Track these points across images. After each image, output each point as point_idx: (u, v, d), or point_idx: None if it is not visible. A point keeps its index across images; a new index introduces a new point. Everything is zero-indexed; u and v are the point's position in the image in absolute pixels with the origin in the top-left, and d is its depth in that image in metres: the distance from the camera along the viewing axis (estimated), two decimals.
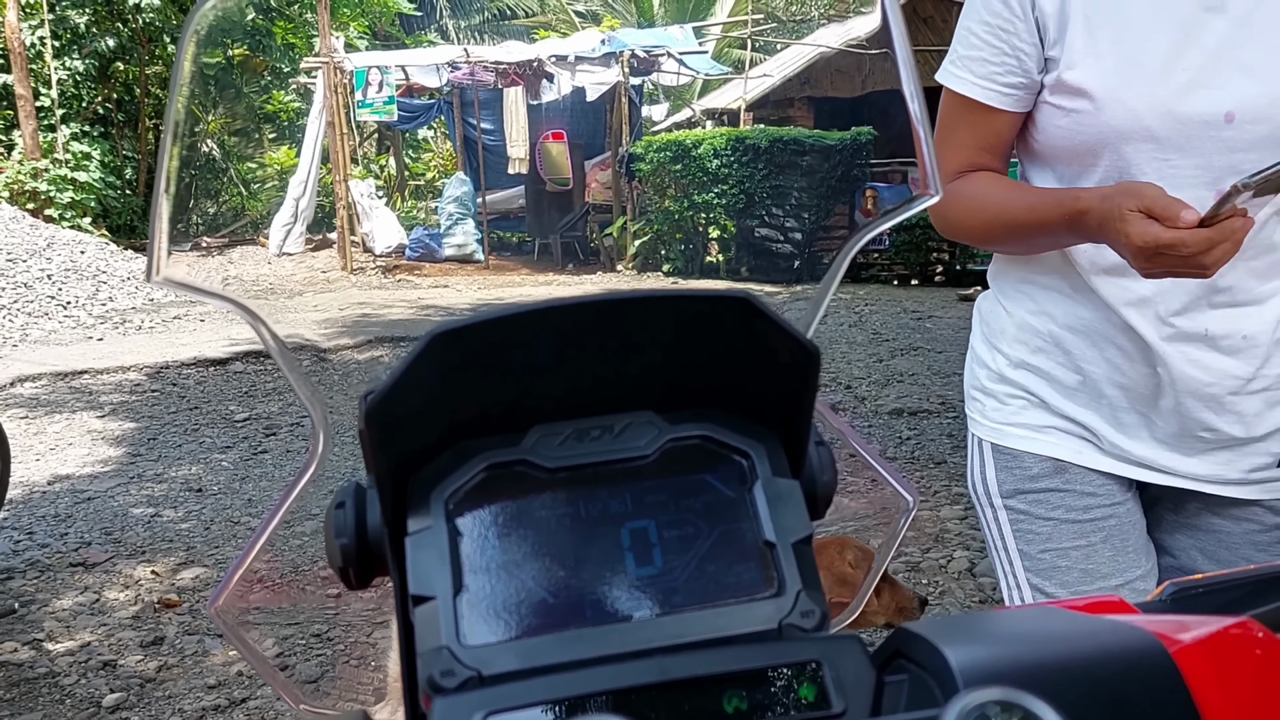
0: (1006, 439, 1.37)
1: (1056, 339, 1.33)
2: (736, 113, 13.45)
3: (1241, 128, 1.15)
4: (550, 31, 18.85)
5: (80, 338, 8.56)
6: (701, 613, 0.39)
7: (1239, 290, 1.22)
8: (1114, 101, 1.18)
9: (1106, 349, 1.29)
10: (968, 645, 0.36)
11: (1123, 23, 1.18)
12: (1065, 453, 1.33)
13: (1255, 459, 1.28)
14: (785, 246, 11.93)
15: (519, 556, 0.40)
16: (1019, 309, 1.37)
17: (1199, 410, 1.26)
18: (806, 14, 18.53)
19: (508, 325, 0.39)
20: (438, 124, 17.28)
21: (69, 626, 3.30)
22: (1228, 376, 1.24)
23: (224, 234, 16.44)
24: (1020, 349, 1.36)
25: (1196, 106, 1.15)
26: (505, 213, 15.17)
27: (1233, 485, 1.30)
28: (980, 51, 1.27)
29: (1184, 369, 1.25)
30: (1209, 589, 0.51)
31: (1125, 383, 1.29)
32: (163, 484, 4.81)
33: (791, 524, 0.41)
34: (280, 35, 16.01)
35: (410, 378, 0.38)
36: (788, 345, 0.40)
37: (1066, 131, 1.24)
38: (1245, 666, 0.36)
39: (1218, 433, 1.27)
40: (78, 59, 14.60)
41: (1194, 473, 1.30)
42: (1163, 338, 1.25)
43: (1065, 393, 1.33)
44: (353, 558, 0.43)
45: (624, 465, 0.42)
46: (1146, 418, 1.29)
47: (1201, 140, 1.16)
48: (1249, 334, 1.23)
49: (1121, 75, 1.17)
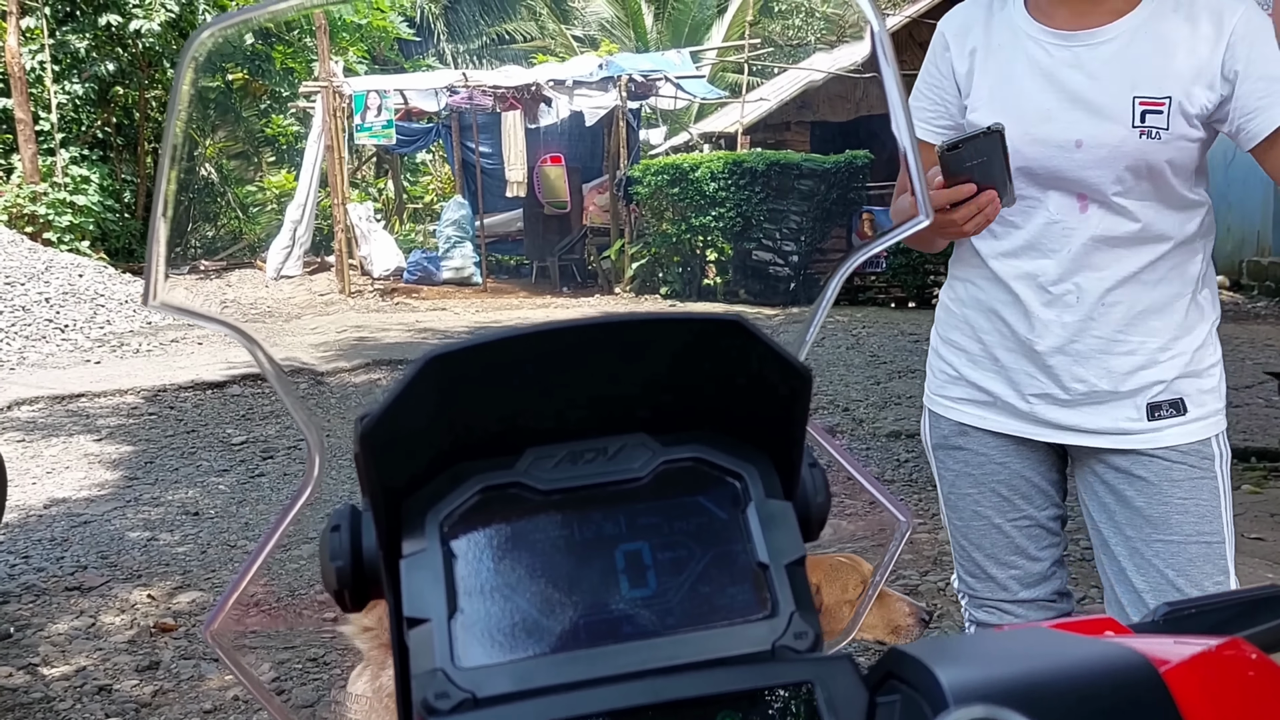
0: (934, 405, 1.80)
1: (965, 317, 1.74)
2: (733, 136, 13.52)
3: (1088, 151, 1.56)
4: (548, 56, 18.97)
5: (78, 361, 8.56)
6: (695, 634, 0.39)
7: (1106, 267, 1.60)
8: None
9: (996, 321, 1.69)
10: (958, 665, 0.36)
11: (1011, 79, 1.62)
12: (971, 418, 1.74)
13: (1125, 411, 1.63)
14: (782, 269, 11.95)
15: (513, 579, 0.40)
16: (946, 297, 1.80)
17: (1069, 365, 1.63)
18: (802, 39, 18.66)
19: (502, 348, 0.39)
20: (436, 148, 17.34)
21: (64, 651, 3.28)
22: (1089, 335, 1.61)
23: (222, 257, 16.47)
24: (946, 328, 1.79)
25: (1056, 135, 1.57)
26: (503, 236, 15.21)
27: (1110, 435, 1.64)
28: (923, 102, 1.74)
29: (1056, 330, 1.62)
30: (1200, 609, 0.51)
31: (1012, 346, 1.67)
32: (159, 507, 4.80)
33: (784, 546, 0.41)
34: (279, 60, 16.10)
35: (405, 400, 0.38)
36: (780, 368, 0.41)
37: None
38: (1235, 687, 0.36)
39: (1088, 384, 1.62)
40: (77, 83, 14.67)
41: (1074, 424, 1.65)
42: (1042, 303, 1.63)
43: (973, 360, 1.73)
44: (348, 580, 0.43)
45: (618, 487, 0.42)
46: (1033, 376, 1.66)
47: (1060, 159, 1.58)
48: (1109, 301, 1.60)
49: (1006, 114, 1.56)
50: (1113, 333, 1.61)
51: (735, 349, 0.41)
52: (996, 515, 1.73)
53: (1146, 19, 1.56)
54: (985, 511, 1.74)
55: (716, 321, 0.40)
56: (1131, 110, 1.54)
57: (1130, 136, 1.54)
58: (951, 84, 1.69)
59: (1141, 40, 1.55)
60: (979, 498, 1.74)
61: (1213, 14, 1.53)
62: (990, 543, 1.74)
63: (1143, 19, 1.56)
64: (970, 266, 1.72)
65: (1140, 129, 1.54)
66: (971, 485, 1.74)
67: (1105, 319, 1.61)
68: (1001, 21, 1.66)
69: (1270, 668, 0.37)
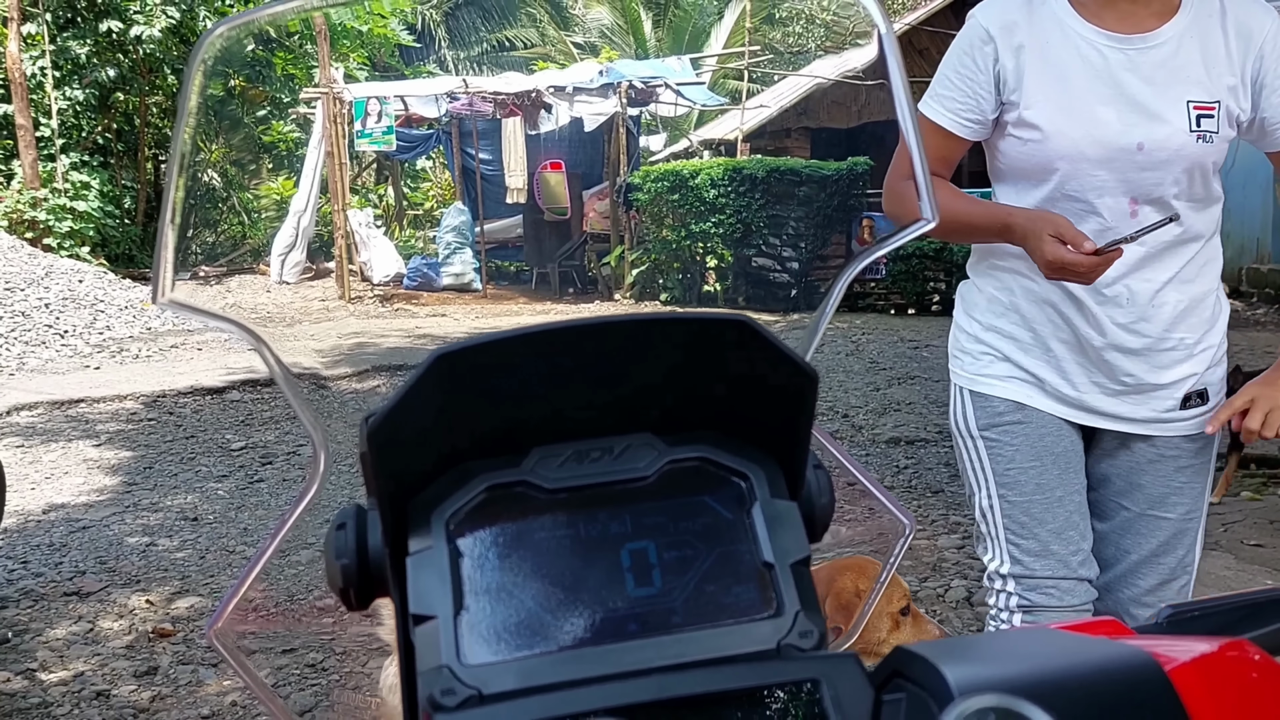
0: (979, 386, 1.80)
1: (1014, 305, 1.76)
2: (733, 143, 13.52)
3: (1149, 154, 1.61)
4: (549, 63, 18.99)
5: (77, 366, 8.55)
6: (700, 633, 0.39)
7: (1154, 270, 1.66)
8: (1059, 134, 1.63)
9: (1051, 312, 1.72)
10: (965, 664, 0.36)
11: (1065, 79, 1.63)
12: (1023, 396, 1.76)
13: (1165, 402, 1.72)
14: (782, 276, 11.96)
15: (519, 577, 0.40)
16: (988, 285, 1.80)
17: (1121, 359, 1.69)
18: (803, 46, 18.69)
19: (509, 347, 0.39)
20: (436, 154, 17.36)
21: (62, 656, 3.27)
22: (1140, 334, 1.67)
23: (223, 263, 16.46)
24: (989, 315, 1.79)
25: (1118, 139, 1.60)
26: (503, 242, 15.21)
27: (1146, 424, 1.72)
28: (951, 92, 1.72)
29: (1110, 329, 1.67)
30: (1205, 611, 0.51)
31: (1066, 338, 1.72)
32: (158, 513, 4.79)
33: (790, 545, 0.41)
34: (280, 66, 16.11)
35: (412, 399, 0.38)
36: (785, 368, 0.41)
37: (1024, 155, 1.69)
38: (1240, 687, 0.37)
39: (1135, 378, 1.69)
40: (78, 89, 14.67)
41: (1118, 412, 1.72)
42: (1096, 302, 1.67)
43: (1022, 348, 1.75)
44: (353, 578, 0.43)
45: (624, 486, 0.42)
46: (1083, 366, 1.71)
47: (1121, 161, 1.61)
48: (1158, 302, 1.67)
49: (1066, 115, 1.62)
50: (1161, 331, 1.68)
51: (741, 348, 0.41)
52: (1060, 487, 1.73)
53: (1189, 24, 1.61)
54: (1049, 483, 1.73)
55: (722, 321, 0.40)
56: (1187, 115, 1.59)
57: (1189, 141, 1.59)
58: (989, 79, 1.67)
59: (1189, 46, 1.60)
60: (1042, 470, 1.74)
61: (1243, 24, 1.60)
62: (1054, 516, 1.73)
63: (1185, 24, 1.61)
64: (1019, 259, 1.71)
65: (1197, 133, 1.59)
66: (1033, 458, 1.74)
67: (1155, 318, 1.67)
68: (1045, 18, 1.65)
69: (1274, 669, 0.37)
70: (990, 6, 1.71)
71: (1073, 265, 1.53)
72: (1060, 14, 1.65)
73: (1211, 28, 1.61)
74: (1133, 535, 1.76)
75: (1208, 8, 1.62)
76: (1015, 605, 1.74)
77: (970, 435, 1.81)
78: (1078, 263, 1.53)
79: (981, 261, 1.82)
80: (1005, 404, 1.76)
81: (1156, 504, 1.74)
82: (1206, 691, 0.35)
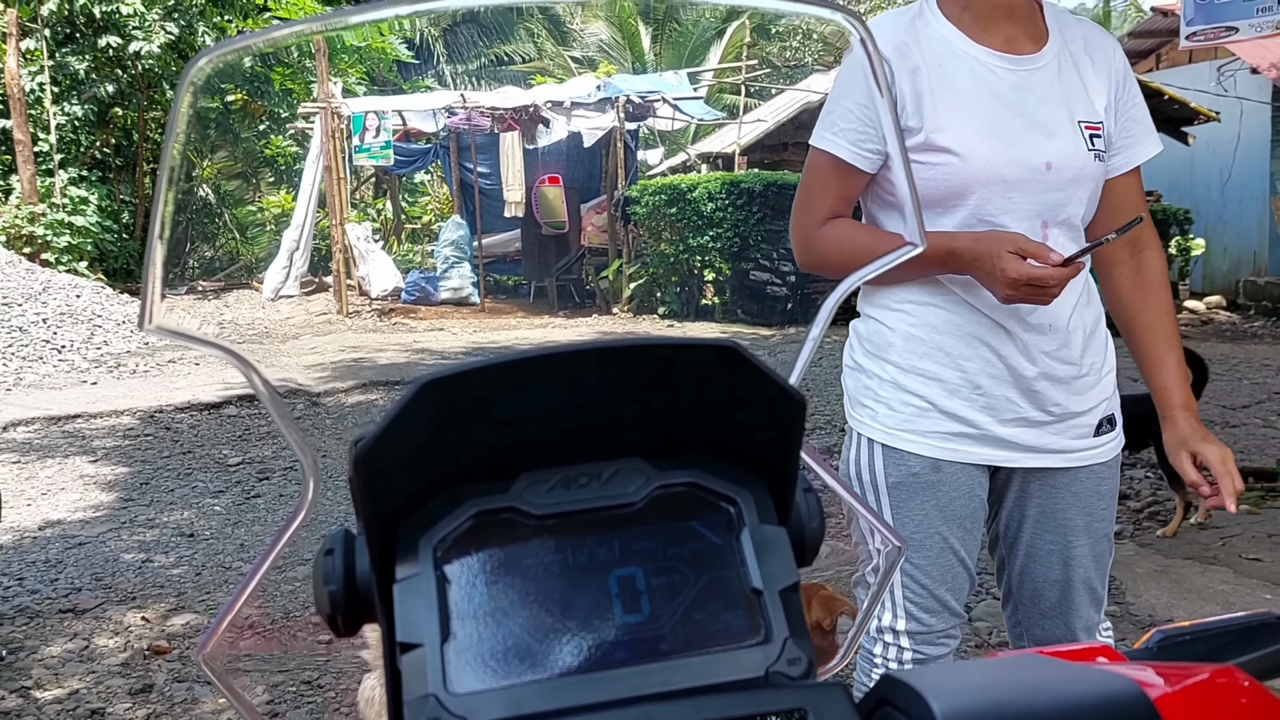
0: (896, 441, 1.68)
1: (938, 345, 1.65)
2: (731, 157, 13.56)
3: (1057, 173, 1.58)
4: (546, 77, 19.05)
5: (74, 382, 8.54)
6: (688, 660, 0.39)
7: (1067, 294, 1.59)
8: (974, 156, 1.57)
9: (980, 347, 1.64)
10: (953, 693, 0.36)
11: (969, 100, 1.59)
12: (944, 453, 1.67)
13: (1081, 430, 1.68)
14: (780, 289, 11.97)
15: (507, 603, 0.40)
16: (901, 324, 1.68)
17: (1050, 389, 1.64)
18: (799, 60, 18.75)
19: (496, 374, 0.39)
20: (434, 168, 17.39)
21: (57, 674, 3.26)
22: (1064, 360, 1.64)
23: (219, 278, 16.47)
24: (909, 357, 1.67)
25: (1030, 158, 1.57)
26: (501, 256, 15.23)
27: (1066, 455, 1.68)
28: (850, 122, 1.63)
29: (1040, 357, 1.63)
30: (1194, 637, 0.51)
31: (996, 373, 1.64)
32: (154, 529, 4.78)
33: (778, 571, 0.41)
34: (278, 81, 16.15)
35: (399, 425, 0.38)
36: (774, 394, 0.41)
37: (933, 180, 1.60)
38: (1228, 715, 0.36)
39: (1061, 407, 1.65)
40: (77, 104, 14.70)
41: (1042, 445, 1.67)
42: (1023, 330, 1.62)
43: (949, 390, 1.65)
44: (341, 605, 0.43)
45: (612, 512, 0.42)
46: (1014, 403, 1.65)
47: (1033, 183, 1.58)
48: (1073, 325, 1.63)
49: (979, 137, 1.57)
50: (1077, 356, 1.65)
51: (730, 375, 0.41)
52: (961, 548, 1.70)
53: (1061, 48, 1.64)
54: (954, 545, 1.69)
55: (712, 347, 0.40)
56: (1081, 134, 1.60)
57: (1089, 159, 1.61)
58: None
59: (1067, 67, 1.63)
60: (948, 534, 1.68)
61: (1098, 49, 1.66)
62: (954, 575, 1.70)
63: (1058, 48, 1.63)
64: (931, 293, 1.65)
65: (1093, 151, 1.61)
66: (942, 522, 1.68)
67: (1073, 344, 1.65)
68: (933, 40, 1.62)
69: (1263, 695, 0.37)
70: (879, 29, 1.66)
71: (1040, 280, 1.47)
72: (947, 35, 1.62)
73: (1078, 52, 1.64)
74: (1060, 565, 1.73)
75: (1070, 34, 1.65)
76: (909, 659, 1.72)
77: (875, 488, 1.71)
78: (1045, 276, 1.47)
79: (882, 298, 1.71)
80: (923, 463, 1.66)
81: (1079, 534, 1.72)
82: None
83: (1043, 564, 1.75)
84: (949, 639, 1.74)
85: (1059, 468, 1.70)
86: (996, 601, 3.41)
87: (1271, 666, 0.51)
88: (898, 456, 1.68)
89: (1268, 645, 0.51)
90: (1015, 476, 1.73)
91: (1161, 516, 4.63)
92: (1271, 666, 0.51)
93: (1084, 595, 1.75)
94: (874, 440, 1.71)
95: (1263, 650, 0.51)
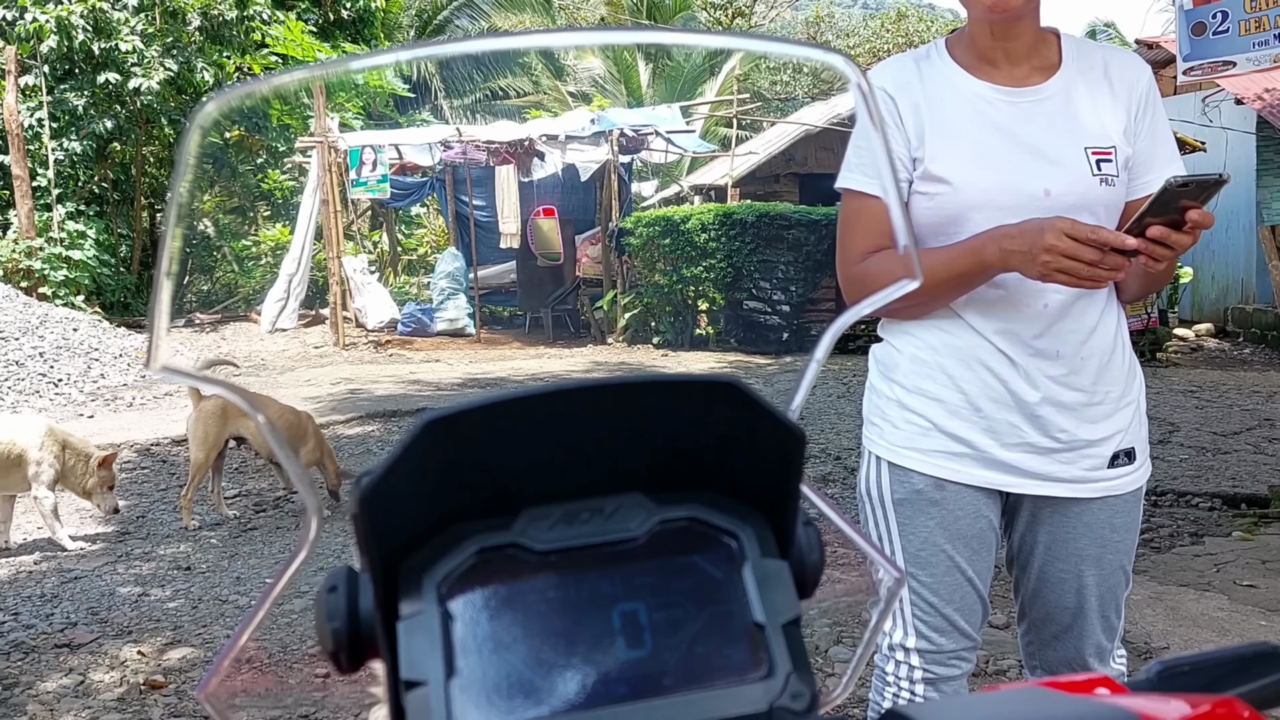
0: (900, 458, 1.72)
1: (940, 366, 1.68)
2: (724, 189, 13.65)
3: (1056, 199, 1.59)
4: (541, 111, 19.18)
5: (71, 415, 8.52)
6: (692, 696, 0.39)
7: (1077, 320, 1.63)
8: (968, 184, 1.61)
9: (981, 370, 1.66)
10: None
11: (965, 132, 1.63)
12: (947, 472, 1.69)
13: (1093, 460, 1.67)
14: (773, 319, 12.00)
15: (510, 640, 0.40)
16: (907, 346, 1.72)
17: (1055, 415, 1.64)
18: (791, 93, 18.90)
19: (499, 411, 0.40)
20: (430, 201, 17.47)
21: (53, 710, 3.23)
22: (1072, 388, 1.64)
23: (217, 310, 16.48)
24: (913, 378, 1.71)
25: (1025, 185, 1.60)
26: (497, 287, 15.27)
27: (1075, 484, 1.67)
28: (864, 158, 1.68)
29: (1043, 383, 1.63)
30: (1195, 667, 0.51)
31: (997, 396, 1.65)
32: (150, 562, 4.75)
33: (780, 605, 0.41)
34: (276, 115, 16.24)
35: (403, 464, 0.39)
36: (774, 429, 0.41)
37: (932, 209, 1.64)
38: None
39: (1069, 434, 1.64)
40: (75, 140, 14.76)
41: (1049, 473, 1.66)
42: (1027, 355, 1.63)
43: (950, 410, 1.68)
44: (344, 642, 0.43)
45: (614, 548, 0.42)
46: (1016, 427, 1.65)
47: (1030, 209, 1.57)
48: (1085, 354, 1.64)
49: (972, 165, 1.61)
50: (1090, 384, 1.65)
51: (730, 410, 0.41)
52: (970, 569, 1.71)
53: (1073, 77, 1.66)
54: (961, 565, 1.71)
55: (712, 383, 0.41)
56: (1087, 160, 1.62)
57: (1093, 184, 1.61)
58: (903, 135, 1.67)
59: (1077, 96, 1.65)
60: (954, 552, 1.70)
61: (1122, 74, 1.68)
62: (961, 596, 1.72)
63: (1070, 77, 1.66)
64: (936, 316, 1.69)
65: (1099, 176, 1.62)
66: (947, 540, 1.70)
67: (1084, 371, 1.65)
68: (935, 78, 1.68)
69: None
70: (884, 70, 1.75)
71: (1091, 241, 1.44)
72: (949, 73, 1.68)
73: (1095, 79, 1.67)
74: (1072, 593, 1.73)
75: (1088, 62, 1.68)
76: (919, 678, 1.74)
77: (883, 505, 1.75)
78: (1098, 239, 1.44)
79: (895, 323, 1.77)
80: (926, 480, 1.69)
81: (1091, 565, 1.72)
82: None
83: (1054, 590, 1.75)
84: (960, 661, 1.74)
85: (1070, 498, 1.69)
86: (996, 630, 3.39)
87: (1272, 697, 0.51)
88: (902, 474, 1.72)
89: (1268, 676, 0.51)
90: (1025, 502, 1.73)
91: (1155, 543, 4.62)
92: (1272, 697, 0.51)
93: (1096, 623, 1.75)
94: (881, 458, 1.75)
95: (1263, 680, 0.51)
